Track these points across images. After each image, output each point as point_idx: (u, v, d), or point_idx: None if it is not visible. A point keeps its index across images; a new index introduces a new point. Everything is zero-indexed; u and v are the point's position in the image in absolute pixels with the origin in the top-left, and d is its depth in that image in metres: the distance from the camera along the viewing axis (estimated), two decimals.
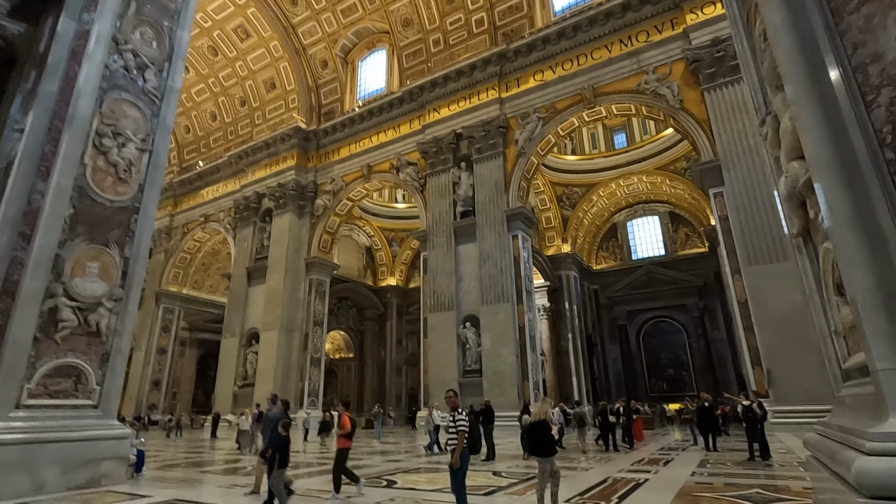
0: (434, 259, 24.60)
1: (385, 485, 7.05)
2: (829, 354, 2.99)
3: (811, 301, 3.09)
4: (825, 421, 3.09)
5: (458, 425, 4.88)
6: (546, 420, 5.43)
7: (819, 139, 2.33)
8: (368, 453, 12.83)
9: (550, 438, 5.31)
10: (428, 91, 27.49)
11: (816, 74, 2.37)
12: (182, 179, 38.57)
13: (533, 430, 5.37)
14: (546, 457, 5.12)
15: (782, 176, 2.95)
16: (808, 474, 3.24)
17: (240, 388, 29.03)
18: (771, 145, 3.18)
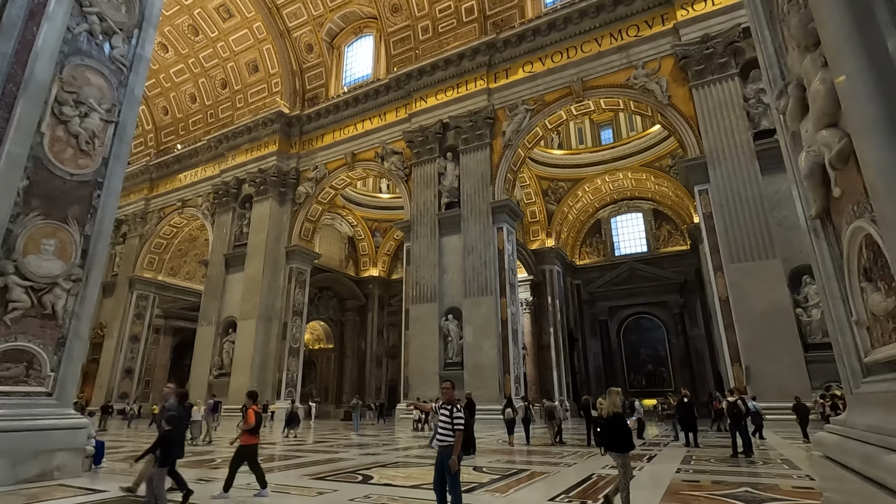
0: (417, 250, 24.23)
1: (360, 480, 6.75)
2: (847, 347, 2.76)
3: (827, 289, 2.86)
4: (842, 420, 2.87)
5: (456, 423, 4.47)
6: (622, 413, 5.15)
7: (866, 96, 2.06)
8: (345, 446, 12.50)
9: (628, 432, 5.05)
10: (415, 79, 26.98)
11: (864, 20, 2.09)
12: (159, 162, 37.34)
13: (610, 425, 5.07)
14: (625, 451, 4.90)
15: (802, 151, 2.70)
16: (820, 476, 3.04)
17: (215, 377, 28.35)
18: (791, 118, 2.92)
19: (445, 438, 4.48)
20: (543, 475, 7.18)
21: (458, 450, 4.33)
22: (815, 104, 2.49)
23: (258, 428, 6.21)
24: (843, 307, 2.75)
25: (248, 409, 6.28)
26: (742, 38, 19.47)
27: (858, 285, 2.46)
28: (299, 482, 6.57)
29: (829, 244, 2.84)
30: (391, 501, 5.25)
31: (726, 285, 17.68)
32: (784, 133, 3.17)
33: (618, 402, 5.24)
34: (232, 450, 6.21)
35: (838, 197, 2.54)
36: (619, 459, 4.90)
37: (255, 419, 6.14)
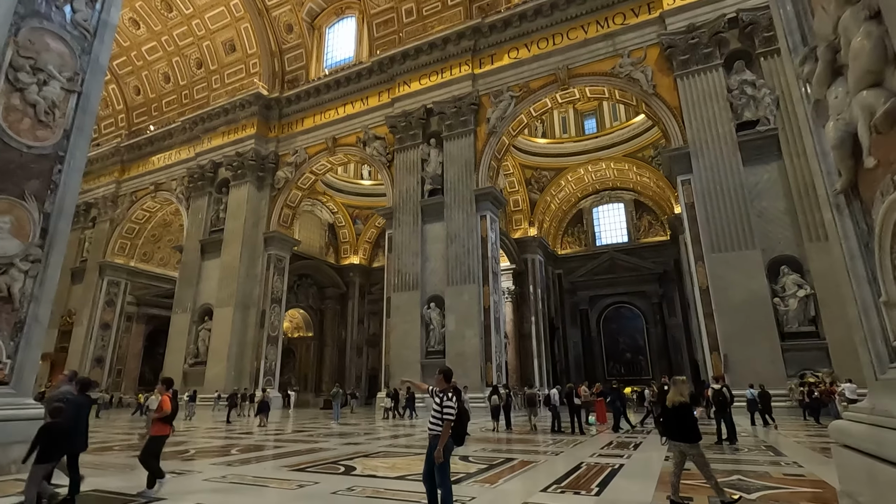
0: (400, 237, 23.87)
1: (342, 471, 6.47)
2: (872, 330, 2.61)
3: (851, 269, 2.71)
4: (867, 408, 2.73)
5: (445, 412, 4.23)
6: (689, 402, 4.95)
7: None
8: (326, 435, 12.21)
9: (695, 422, 4.88)
10: (398, 63, 26.39)
11: None
12: (130, 144, 35.93)
13: (675, 414, 4.88)
14: (693, 442, 4.74)
15: (829, 120, 2.52)
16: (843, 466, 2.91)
17: (190, 366, 27.65)
18: (818, 83, 2.74)
19: (435, 428, 4.27)
20: (532, 464, 7.05)
21: (444, 440, 4.11)
22: (857, 62, 2.29)
23: (173, 417, 5.68)
24: (868, 288, 2.60)
25: (162, 396, 5.76)
26: (727, 29, 19.53)
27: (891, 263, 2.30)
28: (278, 474, 6.26)
29: (854, 221, 2.68)
30: (376, 494, 5.01)
31: (707, 275, 17.86)
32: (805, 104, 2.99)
33: (684, 391, 5.06)
34: (211, 439, 5.86)
35: (872, 167, 2.36)
36: (690, 450, 4.74)
37: (170, 407, 5.61)
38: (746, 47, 19.26)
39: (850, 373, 15.21)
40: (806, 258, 16.53)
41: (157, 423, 5.56)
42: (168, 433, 5.67)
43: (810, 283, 16.30)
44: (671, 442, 4.95)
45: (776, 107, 18.06)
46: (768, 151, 17.94)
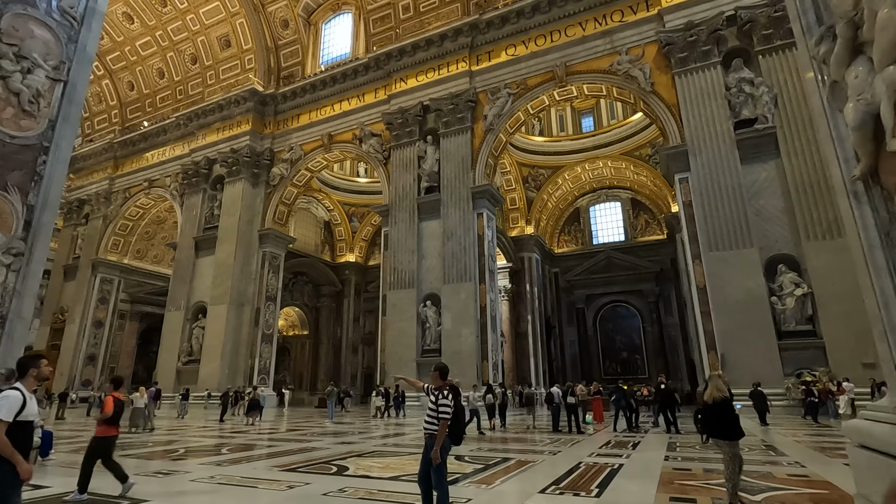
0: (396, 235, 23.70)
1: (335, 471, 6.29)
2: (893, 323, 2.48)
3: (870, 260, 2.57)
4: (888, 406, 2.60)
5: (441, 410, 4.04)
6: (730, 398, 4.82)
7: None
8: (319, 434, 12.04)
9: (736, 419, 4.75)
10: (395, 59, 26.19)
11: None
12: (124, 140, 35.58)
13: (716, 411, 4.74)
14: (734, 440, 4.62)
15: (848, 102, 2.39)
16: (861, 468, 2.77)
17: (184, 364, 27.39)
18: (836, 63, 2.59)
19: (431, 427, 4.09)
20: (529, 464, 6.89)
21: (440, 441, 3.94)
22: (885, 34, 2.15)
23: (117, 418, 5.44)
24: (889, 279, 2.46)
25: (107, 396, 5.52)
26: (725, 27, 19.45)
27: None
28: (268, 474, 6.07)
29: (873, 209, 2.55)
30: (369, 496, 4.85)
31: (704, 274, 17.78)
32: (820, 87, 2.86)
33: (721, 385, 4.90)
34: (202, 438, 5.68)
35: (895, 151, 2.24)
36: (728, 448, 4.60)
37: (113, 407, 5.36)
38: (745, 45, 19.18)
39: (847, 371, 15.20)
40: (803, 257, 16.47)
41: (102, 425, 5.33)
42: (114, 434, 5.41)
43: (808, 281, 16.24)
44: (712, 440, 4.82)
45: (774, 105, 17.99)
46: (766, 150, 17.86)
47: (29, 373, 3.32)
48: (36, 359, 3.41)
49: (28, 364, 3.36)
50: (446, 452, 4.05)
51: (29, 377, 3.31)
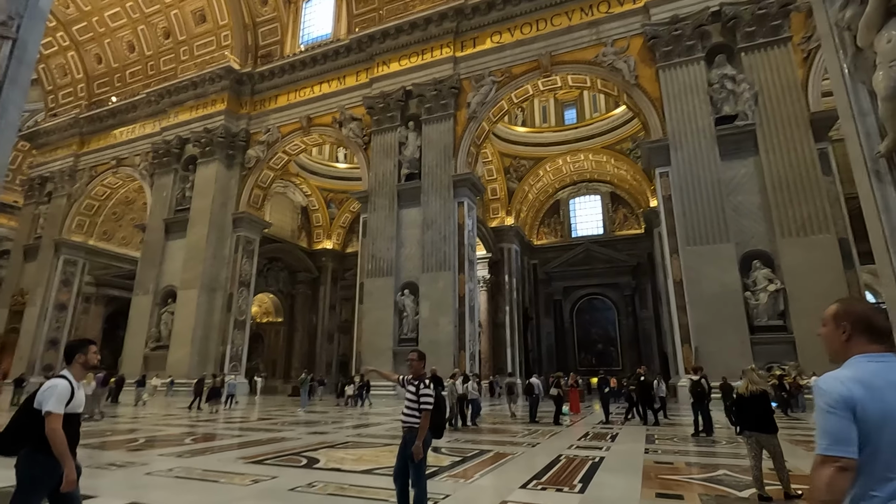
0: (374, 222, 23.26)
1: (304, 464, 5.94)
2: None
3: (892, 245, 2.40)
4: None
5: (422, 401, 3.76)
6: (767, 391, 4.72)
7: None
8: (291, 424, 11.69)
9: (772, 412, 4.67)
10: (378, 42, 25.52)
11: None
12: (91, 116, 33.96)
13: (753, 404, 4.64)
14: (773, 432, 4.53)
15: (879, 70, 2.19)
16: None
17: (152, 350, 26.52)
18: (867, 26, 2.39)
19: (410, 419, 3.79)
20: (508, 457, 6.71)
21: (423, 434, 3.66)
22: None
23: None
24: None
25: None
26: (710, 23, 19.50)
27: None
28: (233, 467, 5.72)
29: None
30: (339, 491, 4.57)
31: (681, 267, 17.94)
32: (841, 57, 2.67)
33: (757, 378, 4.84)
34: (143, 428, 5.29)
35: None
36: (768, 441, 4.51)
37: None
38: (728, 41, 19.27)
39: (815, 366, 15.56)
40: (777, 253, 16.76)
41: None
42: None
43: (780, 277, 16.53)
44: (746, 432, 4.74)
45: (755, 102, 18.16)
46: (746, 146, 18.05)
47: (75, 359, 2.93)
48: (83, 344, 3.01)
49: (75, 349, 2.96)
50: (428, 447, 3.78)
51: (76, 364, 2.92)
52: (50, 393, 2.67)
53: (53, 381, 2.77)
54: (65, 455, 2.61)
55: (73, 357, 2.92)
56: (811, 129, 17.26)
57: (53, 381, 2.76)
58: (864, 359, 1.48)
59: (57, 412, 2.64)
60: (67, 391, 2.73)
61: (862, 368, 1.44)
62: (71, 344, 3.01)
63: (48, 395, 2.67)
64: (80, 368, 2.91)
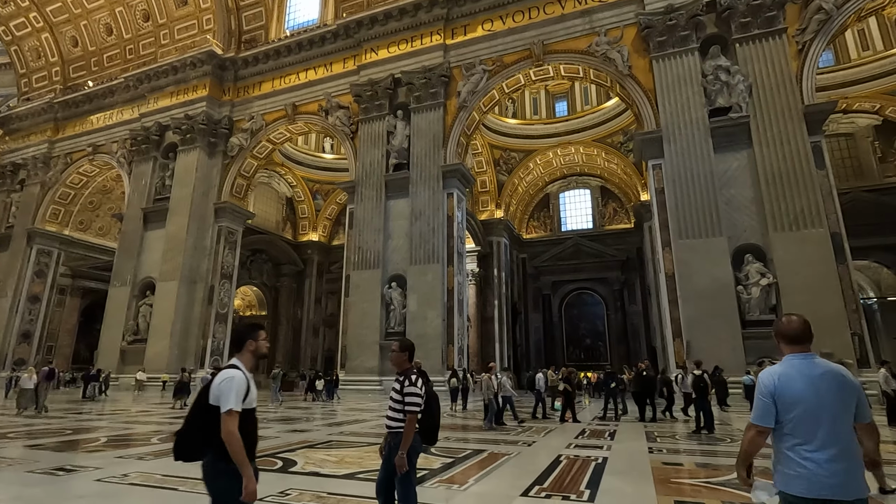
0: (361, 213, 22.65)
1: (280, 467, 5.35)
2: None
3: None
4: None
5: (408, 401, 3.13)
6: None
7: None
8: (270, 420, 11.13)
9: None
10: (366, 28, 24.78)
11: None
12: (66, 100, 32.66)
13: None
14: None
15: None
16: None
17: (129, 343, 25.65)
18: None
19: (395, 423, 3.17)
20: (504, 457, 6.21)
21: (407, 441, 3.06)
22: None
23: None
24: None
25: None
26: (704, 13, 19.20)
27: None
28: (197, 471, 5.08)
29: None
30: (316, 500, 4.04)
31: (673, 261, 17.68)
32: None
33: None
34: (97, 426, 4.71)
35: None
36: None
37: None
38: (722, 33, 19.01)
39: None
40: (770, 247, 16.59)
41: None
42: None
43: (773, 271, 16.37)
44: None
45: (749, 94, 17.91)
46: (739, 139, 17.82)
47: (245, 346, 2.54)
48: (253, 329, 2.61)
49: (244, 335, 2.58)
50: (415, 456, 3.16)
51: (245, 352, 2.54)
52: (227, 386, 2.29)
53: (229, 372, 2.37)
54: (244, 461, 2.25)
55: (244, 344, 2.54)
56: (805, 123, 17.08)
57: (229, 373, 2.35)
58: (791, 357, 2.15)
59: (236, 410, 2.27)
60: (244, 384, 2.36)
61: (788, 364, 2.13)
62: (239, 330, 2.62)
63: (225, 389, 2.29)
64: (250, 357, 2.53)
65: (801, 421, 2.01)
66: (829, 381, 2.05)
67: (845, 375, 2.09)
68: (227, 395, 2.27)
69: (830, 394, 2.03)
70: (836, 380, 2.06)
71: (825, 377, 2.06)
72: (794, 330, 2.18)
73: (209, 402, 2.31)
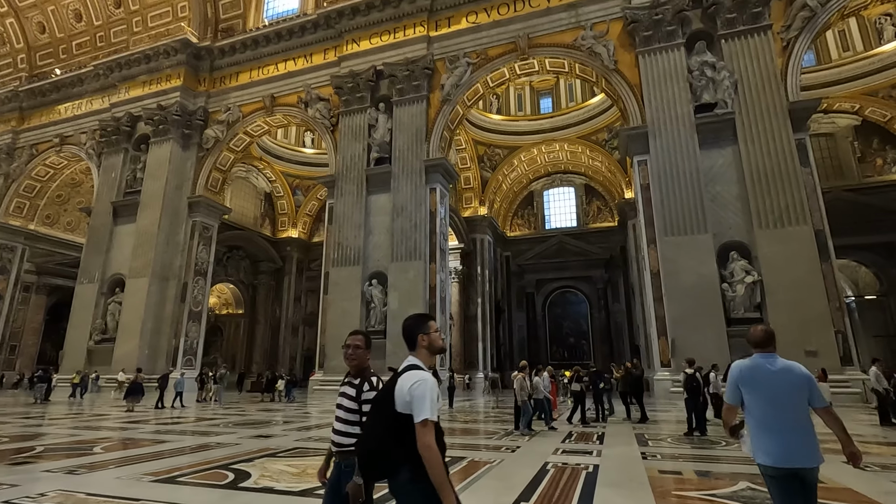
0: (341, 208, 21.95)
1: (230, 481, 4.71)
2: None
3: None
4: None
5: (366, 411, 2.46)
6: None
7: None
8: (234, 424, 10.42)
9: None
10: (348, 18, 24.07)
11: None
12: (32, 89, 31.21)
13: None
14: None
15: None
16: None
17: (97, 343, 24.52)
18: None
19: (346, 440, 2.48)
20: (486, 466, 5.64)
21: None
22: None
23: None
24: None
25: None
26: (690, 8, 19.01)
27: None
28: (128, 489, 4.39)
29: None
30: None
31: (658, 258, 17.41)
32: None
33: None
34: None
35: None
36: None
37: None
38: (709, 28, 18.84)
39: (791, 359, 15.07)
40: (755, 244, 16.43)
41: None
42: None
43: (758, 269, 16.20)
44: None
45: (734, 91, 17.75)
46: (724, 135, 17.65)
47: (418, 342, 2.18)
48: (423, 320, 2.25)
49: (415, 329, 2.21)
50: (371, 484, 2.46)
51: (420, 348, 2.18)
52: (422, 391, 1.94)
53: (419, 373, 2.01)
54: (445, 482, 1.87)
55: (415, 340, 2.19)
56: (790, 120, 16.96)
57: (421, 375, 2.00)
58: (757, 356, 2.78)
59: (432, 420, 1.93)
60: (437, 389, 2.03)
61: (754, 360, 2.78)
62: (408, 324, 2.26)
63: (421, 395, 1.94)
64: (426, 353, 2.18)
65: (760, 402, 2.55)
66: (785, 374, 2.57)
67: (797, 369, 2.62)
68: (423, 401, 1.93)
69: (785, 383, 2.54)
70: (790, 372, 2.58)
71: (782, 370, 2.59)
72: (759, 337, 2.79)
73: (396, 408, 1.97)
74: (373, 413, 2.06)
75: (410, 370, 2.06)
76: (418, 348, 2.17)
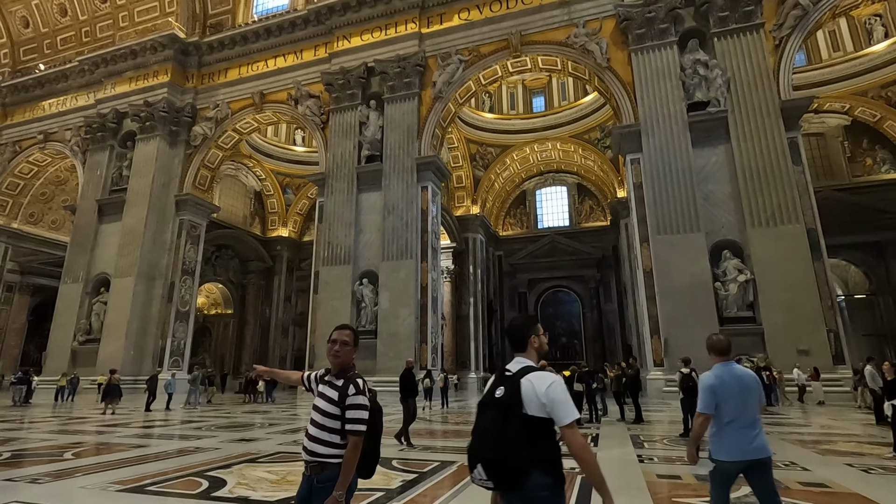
0: (332, 206, 21.65)
1: (202, 490, 4.41)
2: None
3: None
4: None
5: (350, 416, 2.21)
6: None
7: None
8: (216, 427, 10.11)
9: None
10: (338, 14, 23.77)
11: None
12: (14, 84, 30.56)
13: None
14: None
15: None
16: None
17: (81, 344, 24.00)
18: None
19: (324, 448, 2.22)
20: None
21: (348, 477, 2.17)
22: None
23: None
24: None
25: None
26: (683, 6, 18.95)
27: None
28: (94, 499, 4.20)
29: None
30: None
31: (651, 257, 17.31)
32: None
33: None
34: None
35: None
36: None
37: None
38: (701, 27, 18.79)
39: (783, 357, 15.27)
40: (747, 243, 16.38)
41: None
42: None
43: (750, 268, 16.15)
44: None
45: (727, 89, 17.70)
46: (717, 134, 17.59)
47: (529, 343, 2.08)
48: (533, 322, 2.12)
49: (526, 331, 2.09)
50: (351, 495, 2.24)
51: (530, 349, 2.08)
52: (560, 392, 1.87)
53: (549, 375, 1.94)
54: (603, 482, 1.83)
55: (526, 341, 2.07)
56: (782, 118, 16.93)
57: (552, 376, 1.93)
58: (719, 365, 2.97)
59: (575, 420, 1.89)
60: None
61: (718, 370, 2.95)
62: (516, 325, 2.13)
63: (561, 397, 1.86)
64: (535, 355, 2.08)
65: (733, 406, 2.80)
66: (746, 379, 2.89)
67: (752, 374, 2.97)
68: (566, 403, 1.85)
69: (747, 387, 2.86)
70: (748, 377, 2.91)
71: (744, 376, 2.90)
72: (724, 346, 3.00)
73: (526, 411, 1.86)
74: (494, 417, 1.89)
75: (533, 371, 1.94)
76: (529, 349, 2.07)
